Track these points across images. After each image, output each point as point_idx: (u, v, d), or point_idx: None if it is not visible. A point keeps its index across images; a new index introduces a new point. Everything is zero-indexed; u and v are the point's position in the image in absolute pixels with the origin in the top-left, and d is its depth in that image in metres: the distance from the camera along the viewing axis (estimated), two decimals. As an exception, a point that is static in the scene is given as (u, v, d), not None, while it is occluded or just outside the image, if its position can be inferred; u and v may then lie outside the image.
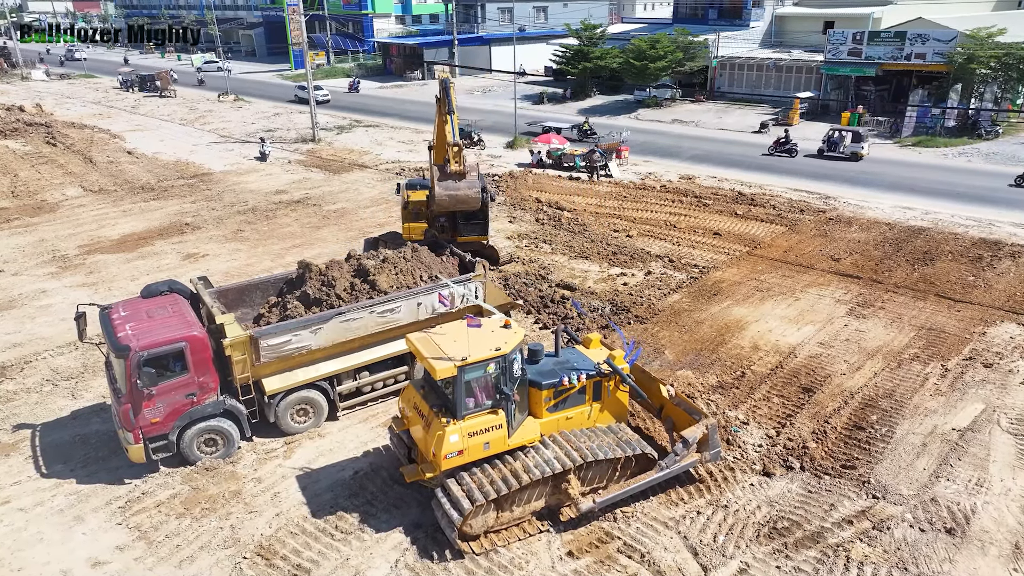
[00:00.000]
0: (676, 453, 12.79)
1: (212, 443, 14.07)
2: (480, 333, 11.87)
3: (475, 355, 11.37)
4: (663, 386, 13.88)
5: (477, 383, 11.57)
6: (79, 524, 12.63)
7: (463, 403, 11.54)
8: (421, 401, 12.26)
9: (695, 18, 64.84)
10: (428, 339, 12.01)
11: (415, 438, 12.55)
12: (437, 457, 11.50)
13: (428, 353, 11.52)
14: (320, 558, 11.75)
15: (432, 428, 11.69)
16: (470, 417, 11.63)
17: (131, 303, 14.48)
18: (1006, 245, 25.00)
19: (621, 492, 12.38)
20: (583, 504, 12.09)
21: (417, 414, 12.33)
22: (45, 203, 32.32)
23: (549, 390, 12.42)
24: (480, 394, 11.69)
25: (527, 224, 28.44)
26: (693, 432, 12.85)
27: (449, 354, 11.37)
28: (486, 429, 11.70)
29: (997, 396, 16.00)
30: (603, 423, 13.23)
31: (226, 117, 54.66)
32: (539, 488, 12.13)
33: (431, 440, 11.68)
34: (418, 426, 12.26)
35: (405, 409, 12.88)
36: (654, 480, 12.69)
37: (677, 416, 13.58)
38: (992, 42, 42.32)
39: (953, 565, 11.40)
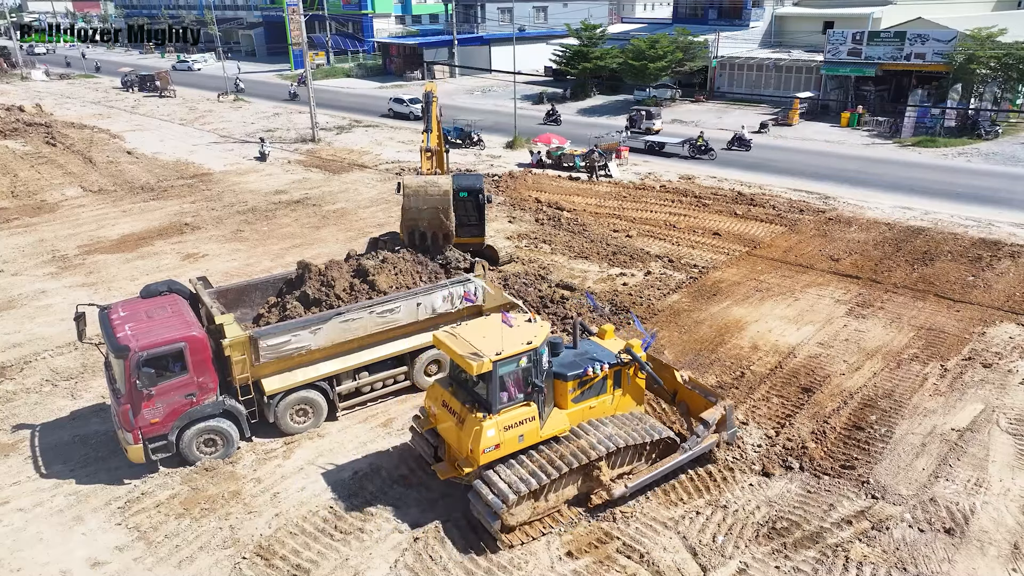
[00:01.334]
0: (698, 435, 13.24)
1: (211, 443, 14.08)
2: (508, 328, 12.05)
3: (508, 350, 11.57)
4: (677, 372, 14.31)
5: (510, 377, 11.80)
6: (78, 524, 12.63)
7: (497, 397, 11.71)
8: (451, 399, 12.36)
9: (695, 18, 64.83)
10: (457, 336, 12.15)
11: (445, 436, 12.68)
12: (475, 452, 11.66)
13: (461, 350, 11.66)
14: (319, 558, 11.75)
15: (467, 424, 11.84)
16: (504, 411, 11.83)
17: (130, 303, 14.49)
18: (1005, 245, 25.00)
19: (650, 476, 12.82)
20: (616, 489, 12.40)
21: (447, 412, 12.41)
22: (45, 203, 32.32)
23: (574, 381, 12.63)
24: (513, 388, 11.91)
25: (527, 224, 28.44)
26: (712, 413, 13.36)
27: (482, 350, 11.54)
28: (520, 422, 11.94)
29: (996, 396, 16.01)
30: (623, 411, 13.55)
31: (226, 117, 54.67)
32: (572, 477, 12.41)
33: (467, 436, 11.81)
34: (449, 424, 12.38)
35: (432, 408, 12.90)
36: (679, 462, 13.10)
37: (691, 400, 14.06)
38: (992, 42, 42.32)
39: (952, 565, 11.41)
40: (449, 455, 12.89)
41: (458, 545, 11.96)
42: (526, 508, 12.03)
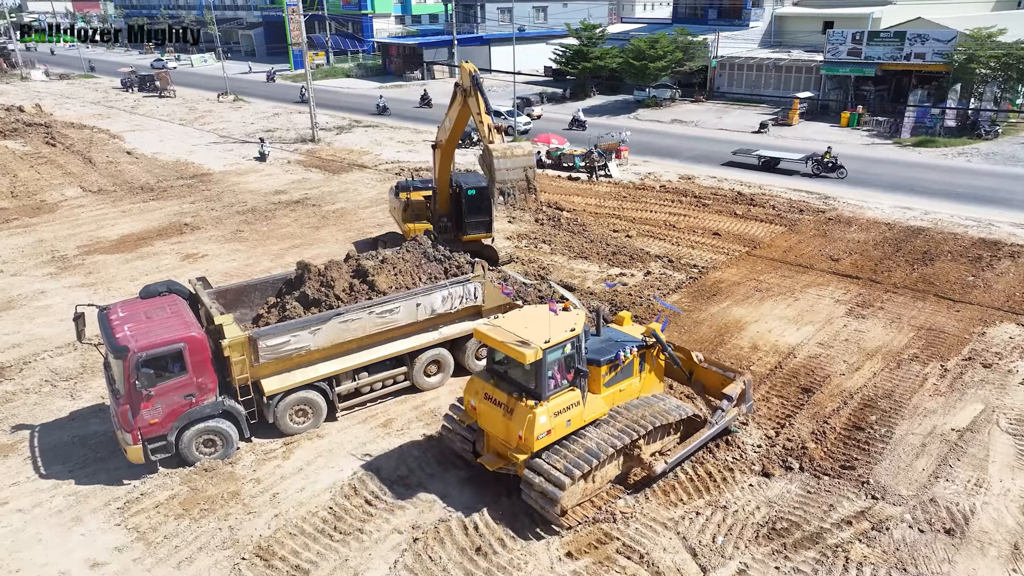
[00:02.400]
0: (723, 409, 13.95)
1: (211, 444, 14.06)
2: (548, 316, 12.32)
3: (555, 337, 11.84)
4: (693, 352, 14.91)
5: (556, 364, 12.08)
6: (78, 525, 12.62)
7: (546, 385, 11.94)
8: (494, 390, 12.52)
9: (695, 18, 64.85)
10: (499, 328, 12.34)
11: (488, 428, 12.84)
12: (528, 440, 11.93)
13: (509, 341, 11.85)
14: (319, 559, 11.74)
15: (518, 413, 12.05)
16: (553, 398, 12.13)
17: (130, 304, 14.47)
18: (1005, 245, 24.99)
19: (685, 451, 13.46)
20: (657, 466, 12.92)
21: (491, 404, 12.55)
22: (44, 203, 32.31)
23: (606, 365, 12.96)
24: (558, 374, 12.19)
25: (526, 224, 28.43)
26: (733, 388, 14.05)
27: (529, 339, 11.75)
28: (567, 407, 12.29)
29: (996, 396, 16.00)
30: (647, 392, 14.02)
31: (225, 117, 54.65)
32: (614, 457, 12.83)
33: (518, 424, 12.03)
34: (494, 415, 12.52)
35: (471, 402, 12.99)
36: (708, 436, 13.80)
37: (707, 378, 14.80)
38: (992, 42, 42.31)
39: (952, 566, 11.39)
40: (489, 447, 13.11)
41: (458, 545, 11.95)
42: (577, 490, 12.35)
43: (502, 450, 12.78)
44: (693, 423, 14.09)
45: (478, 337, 12.74)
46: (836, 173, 34.80)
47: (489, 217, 22.83)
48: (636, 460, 13.09)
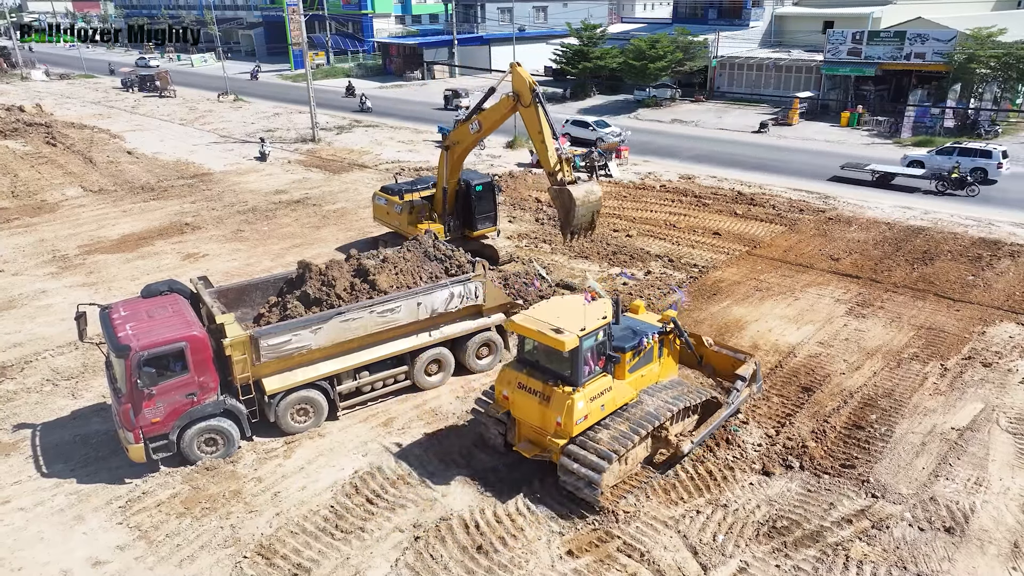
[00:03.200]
0: (737, 389, 14.62)
1: (212, 443, 14.08)
2: (581, 305, 12.70)
3: (590, 325, 12.26)
4: (704, 337, 15.56)
5: (590, 351, 12.46)
6: (79, 524, 12.64)
7: (582, 371, 12.31)
8: (528, 379, 12.87)
9: (695, 18, 64.88)
10: (533, 319, 12.71)
11: (523, 416, 13.21)
12: (567, 425, 12.35)
13: (545, 330, 12.23)
14: (320, 557, 11.76)
15: (555, 400, 12.43)
16: (588, 383, 12.53)
17: (131, 303, 14.50)
18: (1005, 245, 25.02)
19: (708, 431, 14.01)
20: (684, 446, 13.41)
21: (525, 393, 12.90)
22: (45, 203, 32.33)
23: (630, 352, 13.38)
24: (592, 361, 12.57)
25: (527, 224, 28.46)
26: (746, 369, 14.81)
27: (564, 327, 12.11)
28: (601, 392, 12.78)
29: (996, 395, 16.02)
30: (664, 378, 14.57)
31: (226, 117, 54.67)
32: (644, 439, 13.34)
33: (555, 411, 12.42)
34: (528, 403, 12.88)
35: (504, 392, 13.31)
36: (727, 416, 14.48)
37: (718, 362, 15.46)
38: (992, 42, 42.34)
39: (952, 564, 11.42)
40: (521, 435, 13.49)
41: (459, 544, 11.98)
42: (614, 472, 12.83)
43: (535, 438, 13.18)
44: (709, 405, 14.70)
45: (512, 328, 13.09)
46: (966, 190, 30.69)
47: (495, 211, 23.34)
48: (663, 441, 13.68)
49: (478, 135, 21.22)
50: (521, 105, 19.62)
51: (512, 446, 13.69)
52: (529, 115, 19.55)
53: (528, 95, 19.27)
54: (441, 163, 22.51)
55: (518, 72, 19.40)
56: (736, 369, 14.94)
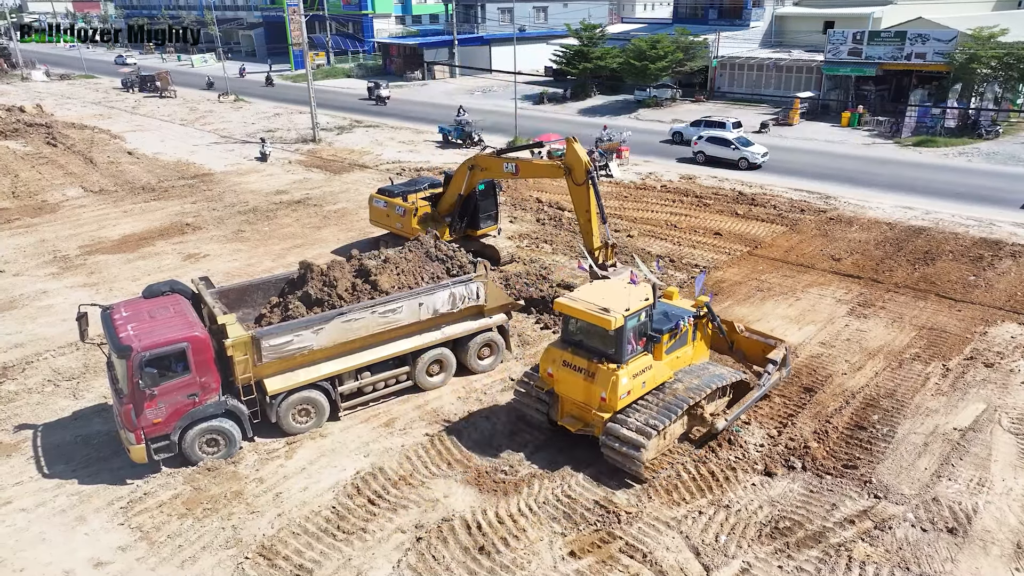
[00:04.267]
0: (768, 372, 15.23)
1: (214, 443, 14.07)
2: (625, 287, 13.47)
3: (634, 306, 12.93)
4: (736, 323, 16.14)
5: (633, 330, 13.10)
6: (81, 524, 12.63)
7: (626, 349, 12.93)
8: (573, 357, 13.51)
9: (695, 18, 64.87)
10: (580, 300, 13.38)
11: (567, 392, 13.83)
12: (612, 400, 13.04)
13: (591, 310, 12.88)
14: (322, 558, 11.75)
15: (600, 376, 13.10)
16: (631, 361, 13.18)
17: (133, 303, 14.48)
18: (1007, 245, 25.00)
19: (740, 410, 14.65)
20: (719, 423, 14.12)
21: (570, 370, 13.56)
22: (46, 204, 32.33)
23: (668, 334, 13.99)
24: (634, 340, 13.21)
25: (528, 224, 28.46)
26: (776, 353, 15.41)
27: (610, 308, 12.76)
28: (643, 370, 13.45)
29: (998, 396, 16.01)
30: (697, 360, 15.13)
31: (226, 117, 54.67)
32: (682, 417, 13.96)
33: (600, 387, 13.10)
34: (573, 381, 13.54)
35: (548, 369, 13.95)
36: (758, 397, 15.06)
37: (748, 347, 16.04)
38: (994, 42, 42.32)
39: (955, 565, 11.40)
40: (564, 411, 14.13)
41: (461, 544, 11.96)
42: (653, 446, 13.40)
43: (578, 413, 13.87)
44: (740, 387, 15.31)
45: (560, 309, 13.68)
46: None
47: (496, 210, 23.91)
48: (699, 419, 14.32)
49: (510, 176, 21.30)
50: (573, 182, 19.52)
51: (554, 423, 14.37)
52: (579, 193, 19.46)
53: (582, 175, 19.14)
54: (461, 176, 22.39)
55: (574, 148, 19.23)
56: (767, 354, 15.58)
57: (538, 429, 14.81)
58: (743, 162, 36.09)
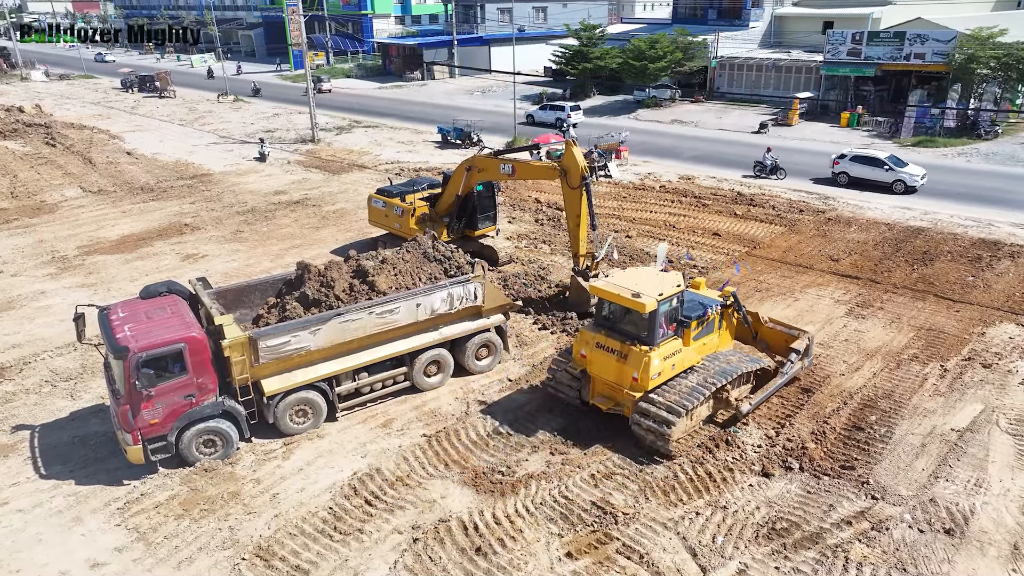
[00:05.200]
0: (792, 361, 15.87)
1: (211, 444, 14.06)
2: (658, 274, 14.30)
3: (666, 292, 13.65)
4: (760, 314, 16.93)
5: (665, 315, 13.77)
6: (78, 525, 12.62)
7: (658, 332, 13.63)
8: (606, 339, 14.18)
9: (694, 18, 64.87)
10: (614, 284, 14.10)
11: (599, 373, 14.51)
12: (643, 380, 13.72)
13: (626, 294, 13.56)
14: (319, 559, 11.74)
15: (632, 357, 13.78)
16: (662, 344, 13.86)
17: (130, 304, 14.47)
18: (1005, 245, 25.00)
19: (764, 395, 15.38)
20: (744, 406, 14.81)
21: (603, 352, 14.23)
22: (44, 204, 32.31)
23: (695, 321, 14.60)
24: (665, 324, 13.88)
25: (527, 224, 28.45)
26: (800, 343, 16.13)
27: (644, 292, 13.43)
28: (673, 353, 14.17)
29: (996, 396, 16.00)
30: (722, 347, 15.73)
31: (225, 118, 54.66)
32: (709, 399, 14.57)
33: (633, 367, 13.77)
34: (606, 361, 14.21)
35: (582, 351, 14.64)
36: (781, 384, 15.76)
37: (771, 337, 16.81)
38: (993, 42, 42.31)
39: (952, 566, 11.39)
40: (595, 391, 14.85)
41: (457, 545, 11.96)
42: (681, 426, 13.91)
43: (610, 393, 14.57)
44: (762, 374, 15.92)
45: (595, 292, 14.41)
46: None
47: (494, 210, 23.95)
48: (724, 402, 14.96)
49: (507, 177, 21.35)
50: (567, 185, 19.61)
51: (585, 402, 15.10)
52: (573, 197, 19.58)
53: (578, 179, 19.26)
54: (459, 177, 22.37)
55: (572, 152, 19.32)
56: (789, 344, 16.25)
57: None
58: (899, 185, 31.95)
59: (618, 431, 14.84)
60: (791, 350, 16.08)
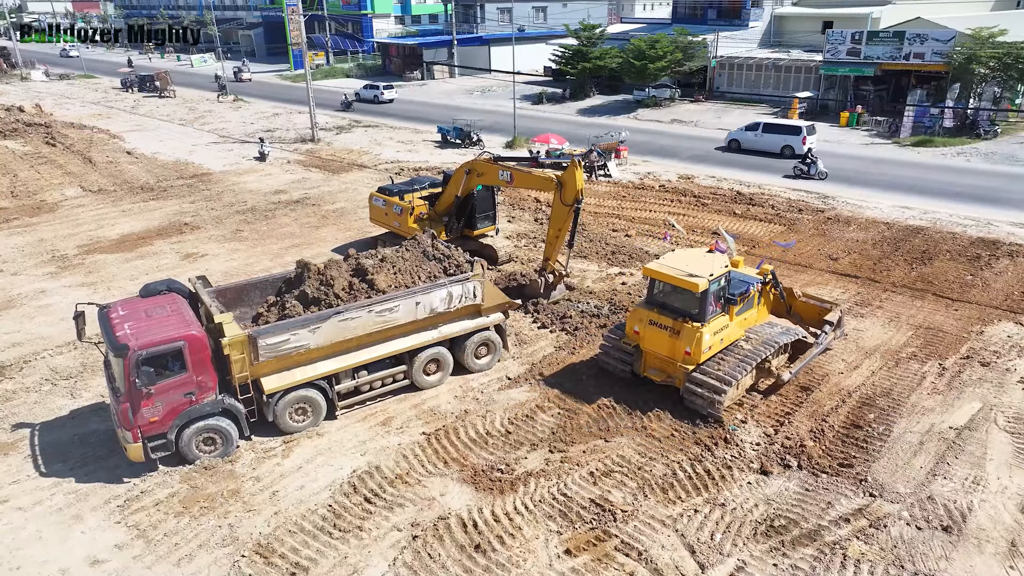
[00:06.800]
0: (825, 332, 16.98)
1: (211, 442, 14.09)
2: (702, 256, 15.56)
3: (716, 272, 14.80)
4: (794, 289, 18.08)
5: (714, 293, 14.88)
6: (78, 523, 12.65)
7: (708, 310, 14.77)
8: (659, 316, 15.32)
9: (694, 18, 64.86)
10: (666, 265, 15.22)
11: (652, 347, 15.66)
12: (696, 353, 14.88)
13: (678, 275, 14.74)
14: (318, 556, 11.77)
15: (685, 333, 14.90)
16: (712, 320, 14.98)
17: (130, 302, 14.50)
18: (1004, 244, 25.02)
19: (803, 364, 16.43)
20: (785, 375, 15.91)
21: (656, 328, 15.39)
22: (44, 203, 32.34)
23: (739, 297, 15.63)
24: (715, 301, 15.00)
25: (526, 224, 28.48)
26: (833, 315, 17.35)
27: (696, 273, 14.63)
28: (722, 328, 15.35)
29: (994, 395, 16.04)
30: (760, 322, 16.83)
31: (225, 117, 54.69)
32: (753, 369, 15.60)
33: (686, 342, 14.91)
34: (659, 337, 15.38)
35: (635, 327, 15.79)
36: (816, 353, 16.85)
37: (804, 311, 17.89)
38: (993, 42, 42.32)
39: (949, 563, 11.43)
40: (647, 365, 16.06)
41: (457, 543, 11.99)
42: (732, 393, 15.10)
43: (661, 366, 15.73)
44: (799, 345, 16.98)
45: (648, 274, 15.46)
46: None
47: (494, 210, 23.92)
48: (766, 372, 16.16)
49: (505, 183, 21.38)
50: (560, 199, 19.72)
51: (637, 374, 16.23)
52: (561, 211, 19.79)
53: (571, 198, 19.41)
54: (459, 179, 22.34)
55: (574, 172, 19.42)
56: (822, 316, 17.36)
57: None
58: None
59: (618, 430, 14.88)
60: (825, 322, 17.18)
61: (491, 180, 21.70)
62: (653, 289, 15.68)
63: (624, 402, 15.85)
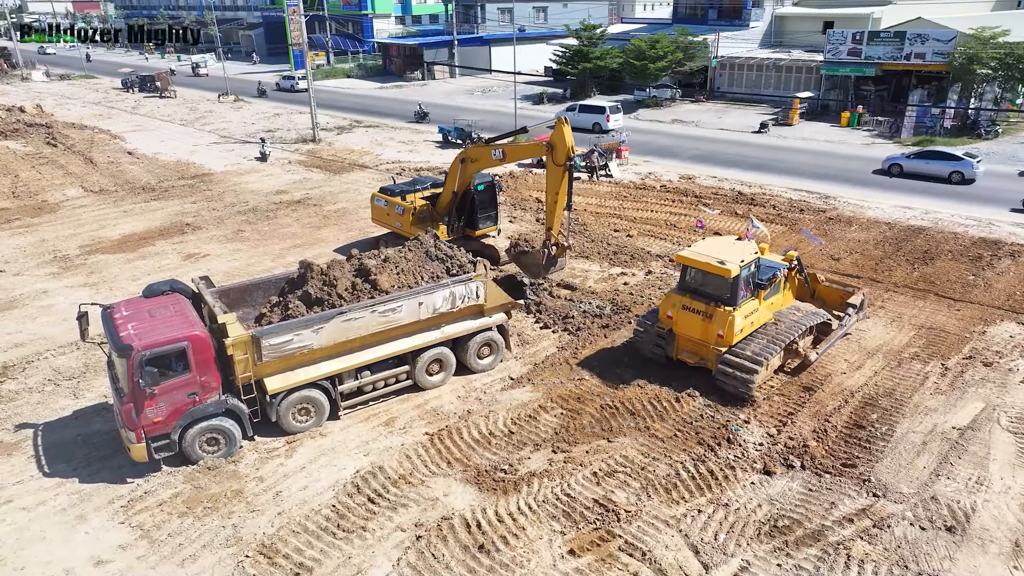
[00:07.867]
0: (849, 315, 17.63)
1: (214, 442, 14.09)
2: (732, 244, 16.34)
3: (747, 258, 15.58)
4: (817, 274, 18.84)
5: (745, 279, 15.60)
6: (81, 523, 12.66)
7: (739, 295, 15.49)
8: (692, 301, 16.07)
9: (695, 18, 64.89)
10: (698, 253, 16.01)
11: (685, 331, 16.34)
12: (728, 336, 15.62)
13: (711, 262, 15.51)
14: (322, 556, 11.78)
15: (718, 317, 15.66)
16: (742, 304, 15.72)
17: (133, 303, 14.50)
18: (1006, 244, 25.03)
19: (828, 345, 17.13)
20: (811, 355, 16.61)
21: (689, 312, 16.13)
22: (46, 203, 32.34)
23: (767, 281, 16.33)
24: (745, 286, 15.73)
25: (527, 224, 28.47)
26: (856, 298, 17.93)
27: (727, 259, 15.38)
28: (752, 312, 16.08)
29: (997, 395, 16.04)
30: (786, 306, 17.54)
31: (226, 118, 54.68)
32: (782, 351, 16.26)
33: (719, 326, 15.65)
34: (692, 321, 16.09)
35: (668, 312, 16.50)
36: (841, 335, 17.55)
37: (827, 295, 18.47)
38: (993, 42, 42.33)
39: (953, 563, 11.43)
40: (680, 348, 16.68)
41: (460, 543, 11.99)
42: (763, 373, 15.63)
43: (694, 349, 16.39)
44: (823, 327, 17.69)
45: (681, 261, 16.24)
46: None
47: (496, 210, 23.89)
48: (793, 352, 16.74)
49: (499, 162, 21.42)
50: (552, 160, 19.68)
51: (670, 357, 16.81)
52: (555, 173, 19.68)
53: (563, 156, 19.31)
54: (454, 171, 22.43)
55: (562, 130, 19.31)
56: (845, 299, 17.95)
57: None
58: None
59: (621, 430, 14.88)
60: (848, 305, 17.77)
61: (485, 163, 21.72)
62: (685, 276, 16.31)
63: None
